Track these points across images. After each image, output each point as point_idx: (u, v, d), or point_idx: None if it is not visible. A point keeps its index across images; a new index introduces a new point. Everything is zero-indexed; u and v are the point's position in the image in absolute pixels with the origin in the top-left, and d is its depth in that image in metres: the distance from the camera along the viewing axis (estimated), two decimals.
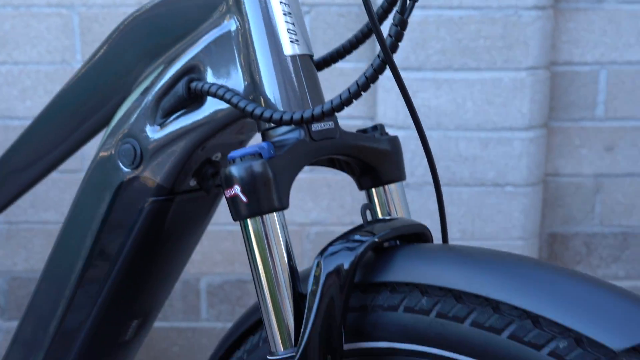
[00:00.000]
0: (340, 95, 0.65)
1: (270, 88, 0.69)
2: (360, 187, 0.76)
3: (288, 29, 0.70)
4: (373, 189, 0.76)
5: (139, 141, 0.77)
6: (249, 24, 0.70)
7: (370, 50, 1.65)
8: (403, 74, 1.58)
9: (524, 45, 1.56)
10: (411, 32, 1.56)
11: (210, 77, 0.73)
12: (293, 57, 0.70)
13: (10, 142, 1.17)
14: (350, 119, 1.68)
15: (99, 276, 0.83)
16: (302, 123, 0.65)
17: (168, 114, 0.76)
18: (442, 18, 1.56)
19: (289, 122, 0.65)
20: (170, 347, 1.88)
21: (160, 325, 1.87)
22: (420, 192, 1.65)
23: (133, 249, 0.80)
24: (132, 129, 0.77)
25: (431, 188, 1.64)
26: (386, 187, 0.75)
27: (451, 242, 1.69)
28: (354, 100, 0.64)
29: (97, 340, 0.87)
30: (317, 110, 0.64)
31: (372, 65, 0.64)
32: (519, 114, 1.60)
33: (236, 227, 1.79)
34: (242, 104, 0.68)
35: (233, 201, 0.65)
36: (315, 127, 0.69)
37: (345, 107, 0.64)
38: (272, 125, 0.69)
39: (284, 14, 0.70)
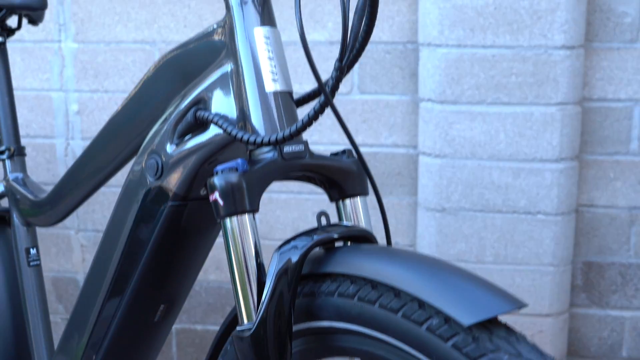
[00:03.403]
0: (295, 124, 0.83)
1: (255, 117, 0.88)
2: (331, 199, 0.93)
3: (270, 71, 0.88)
4: (341, 201, 0.93)
5: (161, 157, 0.98)
6: (241, 67, 0.89)
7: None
8: (440, 107, 1.73)
9: (553, 82, 1.67)
10: (447, 69, 1.71)
11: (212, 108, 0.93)
12: (274, 93, 0.88)
13: None
14: (395, 147, 1.84)
15: (132, 267, 1.04)
16: (277, 144, 0.83)
17: (182, 135, 0.96)
18: (476, 56, 1.70)
19: (261, 144, 0.84)
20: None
21: None
22: (456, 216, 1.78)
23: (157, 243, 1.01)
24: (157, 148, 0.98)
25: (466, 213, 1.77)
26: (352, 200, 0.92)
27: (485, 265, 1.81)
28: (307, 129, 0.82)
29: (130, 321, 1.07)
30: (280, 135, 0.83)
31: (314, 109, 0.82)
32: (549, 146, 1.71)
33: None
34: (229, 129, 0.87)
35: (214, 204, 0.84)
36: (287, 148, 0.87)
37: (305, 131, 0.83)
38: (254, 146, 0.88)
39: (269, 59, 0.89)
